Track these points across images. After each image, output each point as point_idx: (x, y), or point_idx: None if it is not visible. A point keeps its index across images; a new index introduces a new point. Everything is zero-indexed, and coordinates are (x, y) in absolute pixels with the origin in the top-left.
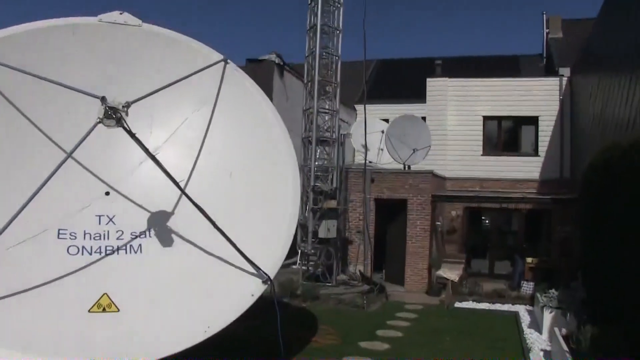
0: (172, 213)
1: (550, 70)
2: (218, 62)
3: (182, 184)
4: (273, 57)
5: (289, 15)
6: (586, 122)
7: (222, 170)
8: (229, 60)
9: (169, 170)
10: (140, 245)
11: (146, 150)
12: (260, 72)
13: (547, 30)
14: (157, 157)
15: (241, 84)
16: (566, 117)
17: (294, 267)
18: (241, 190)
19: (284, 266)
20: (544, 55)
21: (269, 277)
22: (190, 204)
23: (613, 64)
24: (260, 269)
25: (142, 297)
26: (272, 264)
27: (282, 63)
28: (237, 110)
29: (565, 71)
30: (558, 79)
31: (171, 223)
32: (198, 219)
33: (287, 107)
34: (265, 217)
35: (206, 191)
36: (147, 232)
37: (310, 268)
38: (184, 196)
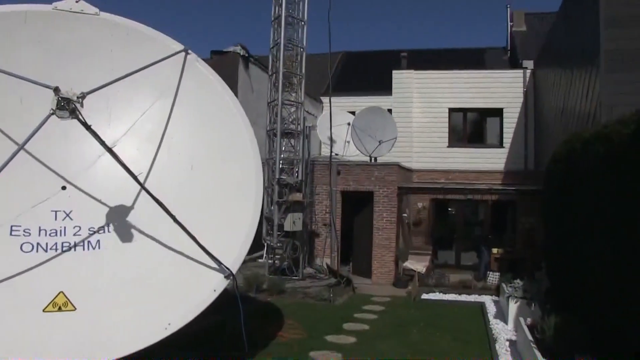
0: (131, 208)
1: (514, 63)
2: (178, 53)
3: (141, 178)
4: (238, 48)
5: (254, 6)
6: (549, 114)
7: (182, 164)
8: (189, 51)
9: (128, 163)
10: (98, 241)
11: (102, 142)
12: (225, 64)
13: (511, 23)
14: (116, 150)
15: (202, 74)
16: (530, 109)
17: (260, 260)
18: (203, 184)
19: (249, 260)
20: (508, 48)
21: (231, 271)
22: (150, 198)
23: (573, 58)
24: (222, 263)
25: (100, 295)
26: (234, 259)
27: (247, 55)
28: (198, 101)
29: (529, 64)
30: (522, 71)
31: (131, 218)
32: (158, 213)
33: (252, 99)
34: (228, 210)
35: (166, 185)
36: (106, 228)
37: (276, 262)
38: (143, 190)
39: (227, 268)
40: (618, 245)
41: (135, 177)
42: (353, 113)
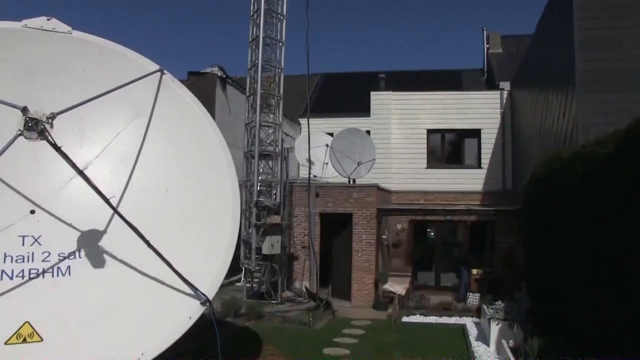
0: (104, 232)
1: (491, 84)
2: (154, 73)
3: (114, 201)
4: (215, 69)
5: (232, 27)
6: (526, 135)
7: (157, 186)
8: (165, 71)
9: (100, 186)
10: (68, 267)
11: (73, 164)
12: (202, 85)
13: (488, 45)
14: (88, 172)
15: (178, 95)
16: (507, 130)
17: (238, 284)
18: (178, 207)
19: (227, 284)
20: (485, 69)
21: (207, 298)
22: (124, 222)
23: (549, 79)
24: (197, 289)
25: (69, 325)
26: (211, 284)
27: (224, 76)
28: (174, 123)
29: (506, 85)
30: (499, 92)
31: (103, 243)
32: (131, 238)
33: (230, 120)
34: (204, 234)
35: (141, 208)
36: (77, 253)
37: (254, 285)
38: (116, 214)
39: (203, 294)
40: (598, 264)
41: (107, 200)
42: (331, 134)
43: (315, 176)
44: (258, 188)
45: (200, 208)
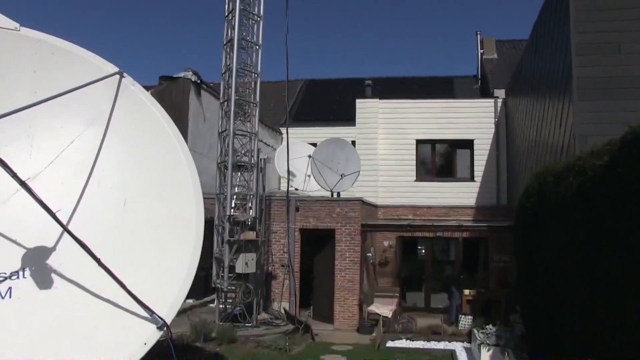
0: (52, 250)
1: (485, 92)
2: (112, 75)
3: (63, 214)
4: (189, 74)
5: (205, 29)
6: (522, 146)
7: (114, 199)
8: (125, 74)
9: (51, 199)
10: (10, 288)
11: (14, 175)
12: (175, 91)
13: (482, 50)
14: (38, 184)
15: (139, 100)
16: (502, 140)
17: (211, 305)
18: (136, 221)
19: (199, 305)
20: (479, 76)
21: (164, 322)
22: (73, 239)
23: (545, 86)
24: (154, 312)
25: (11, 352)
26: (169, 307)
27: (199, 81)
28: (134, 130)
29: (500, 93)
30: (493, 100)
31: (51, 262)
32: (82, 256)
33: (204, 129)
34: (164, 251)
35: (95, 224)
36: (20, 273)
37: (228, 307)
38: (66, 230)
39: (160, 318)
40: (591, 282)
41: (52, 214)
42: (315, 145)
43: (296, 189)
44: (233, 202)
45: (161, 222)
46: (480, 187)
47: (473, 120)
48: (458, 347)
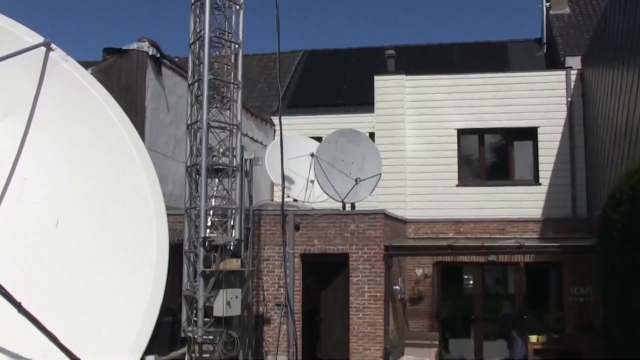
0: None
1: (553, 62)
2: (35, 48)
3: None
4: (144, 45)
5: None
6: (607, 135)
7: (41, 218)
8: (53, 45)
9: None
10: None
11: None
12: (125, 68)
13: (548, 4)
14: None
15: (74, 81)
16: (578, 128)
17: None
18: (73, 249)
19: None
20: (544, 39)
21: None
22: None
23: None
24: None
25: None
26: None
27: (158, 54)
28: (68, 122)
29: (575, 62)
30: (564, 72)
31: None
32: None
33: (167, 120)
34: (112, 290)
35: (13, 251)
36: None
37: None
38: None
39: None
40: None
41: None
42: (319, 139)
43: (295, 200)
44: (209, 219)
45: (107, 248)
46: (549, 192)
47: (537, 100)
48: None
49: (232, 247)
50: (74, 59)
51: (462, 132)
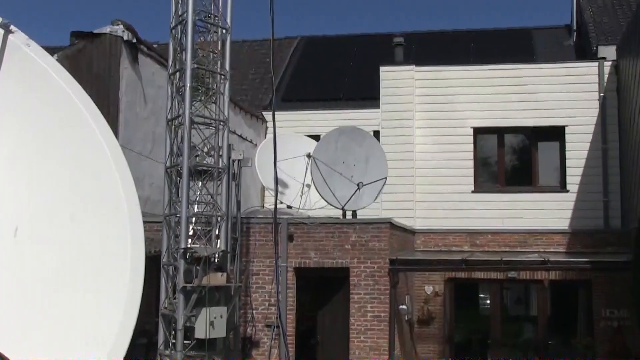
0: None
1: (584, 51)
2: None
3: None
4: (119, 29)
5: None
6: None
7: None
8: (12, 27)
9: None
10: None
11: None
12: (96, 55)
13: None
14: None
15: (37, 68)
16: (611, 127)
17: None
18: (36, 262)
19: None
20: (574, 26)
21: None
22: None
23: None
24: None
25: None
26: None
27: (134, 40)
28: (30, 115)
29: (609, 51)
30: (597, 63)
31: None
32: None
33: (144, 114)
34: (80, 308)
35: None
36: None
37: None
38: None
39: None
40: None
41: None
42: (317, 138)
43: (289, 207)
44: (191, 227)
45: (74, 259)
46: (577, 200)
47: (565, 95)
48: None
49: (217, 260)
50: (37, 44)
51: (479, 132)
